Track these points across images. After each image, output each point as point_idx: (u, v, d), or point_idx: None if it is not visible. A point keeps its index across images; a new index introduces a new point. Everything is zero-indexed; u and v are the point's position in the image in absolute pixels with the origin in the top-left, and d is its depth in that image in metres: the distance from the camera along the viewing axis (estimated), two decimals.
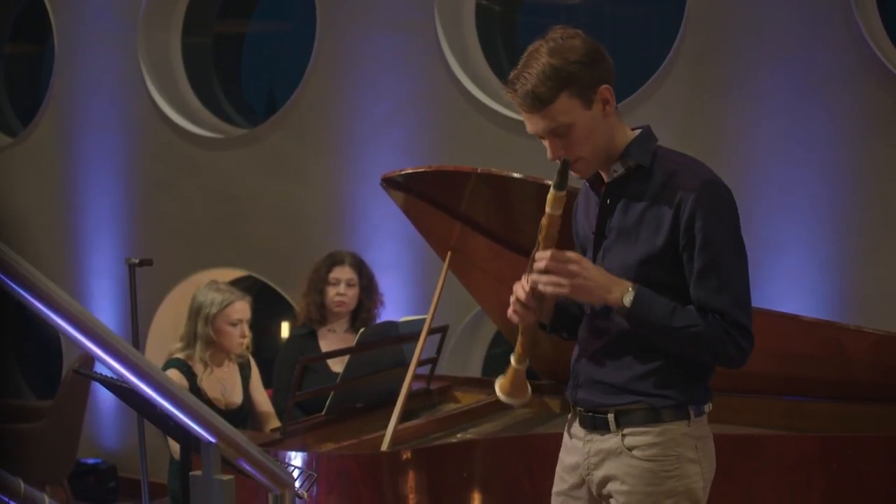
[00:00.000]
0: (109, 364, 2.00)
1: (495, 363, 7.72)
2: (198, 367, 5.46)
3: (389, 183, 4.85)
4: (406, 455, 4.44)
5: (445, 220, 4.92)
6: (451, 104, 7.21)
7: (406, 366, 4.99)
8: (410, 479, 4.43)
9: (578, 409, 3.36)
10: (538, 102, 3.06)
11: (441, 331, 5.62)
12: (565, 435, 3.48)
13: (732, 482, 4.44)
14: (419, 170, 4.79)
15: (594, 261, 3.26)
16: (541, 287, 3.16)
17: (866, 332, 4.77)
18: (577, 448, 3.38)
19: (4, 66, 10.01)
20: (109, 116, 8.77)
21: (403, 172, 4.77)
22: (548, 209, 3.11)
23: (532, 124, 3.14)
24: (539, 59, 3.05)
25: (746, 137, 6.32)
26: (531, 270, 3.19)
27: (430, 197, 4.90)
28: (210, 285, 5.63)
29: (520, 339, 3.34)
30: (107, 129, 8.77)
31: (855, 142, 6.09)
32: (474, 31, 7.44)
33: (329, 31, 7.68)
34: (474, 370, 7.53)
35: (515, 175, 4.44)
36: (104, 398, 8.70)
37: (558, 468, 3.49)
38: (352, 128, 7.64)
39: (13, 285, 1.84)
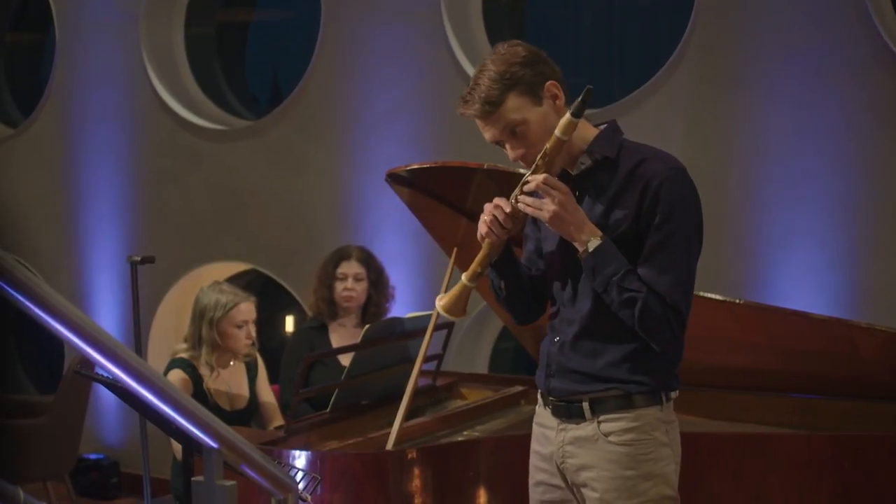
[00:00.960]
0: (109, 369, 2.01)
1: (502, 359, 7.74)
2: (204, 371, 5.46)
3: (394, 178, 4.86)
4: (411, 454, 4.45)
5: (451, 217, 4.93)
6: (457, 95, 7.17)
7: (412, 362, 5.00)
8: (416, 478, 4.44)
9: (550, 398, 3.46)
10: (489, 106, 3.25)
11: (447, 327, 5.63)
12: (534, 425, 3.59)
13: (741, 482, 4.47)
14: (424, 165, 4.80)
15: (564, 252, 3.40)
16: (520, 206, 3.28)
17: (878, 329, 4.77)
18: (549, 438, 3.49)
19: (5, 55, 10.02)
20: (111, 107, 8.78)
21: (408, 168, 4.78)
22: (557, 132, 3.21)
23: (489, 132, 3.33)
24: (485, 71, 3.29)
25: (756, 130, 6.32)
26: (520, 192, 3.31)
27: (436, 193, 4.91)
28: (213, 287, 5.62)
29: (480, 256, 3.47)
30: (108, 120, 8.78)
31: (866, 135, 6.09)
32: (481, 21, 7.44)
33: (334, 20, 7.68)
34: (481, 366, 7.54)
35: (523, 170, 4.45)
36: (106, 393, 8.70)
37: (533, 459, 3.60)
38: (357, 119, 7.64)
39: (9, 290, 1.85)
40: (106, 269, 8.79)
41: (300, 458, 4.40)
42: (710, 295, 4.66)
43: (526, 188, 3.26)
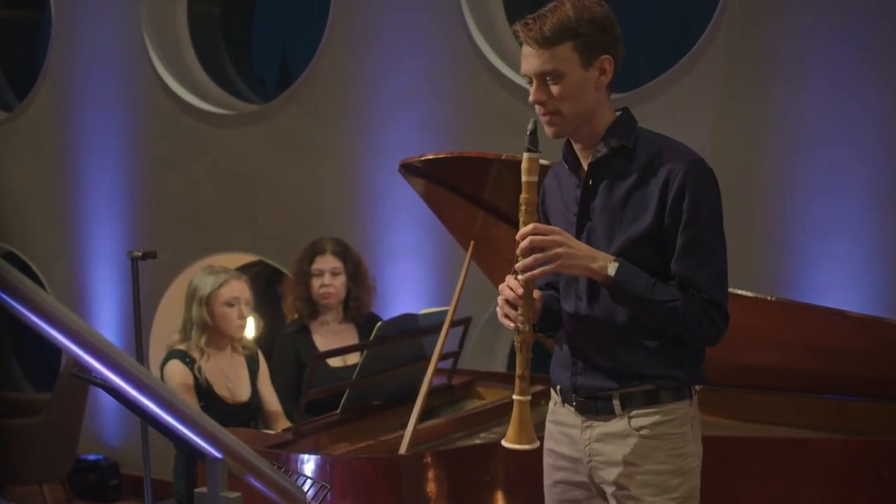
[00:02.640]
0: (109, 377, 2.03)
1: None
2: (195, 355, 5.50)
3: (408, 169, 4.88)
4: (426, 457, 4.47)
5: (468, 209, 4.95)
6: (475, 79, 7.22)
7: (427, 360, 5.02)
8: (431, 483, 4.46)
9: (575, 396, 3.50)
10: (543, 41, 3.32)
11: (464, 323, 5.65)
12: (549, 424, 3.65)
13: (772, 488, 4.47)
14: (440, 156, 4.81)
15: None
16: (527, 275, 3.32)
17: None
18: (571, 436, 3.55)
19: None
20: (110, 90, 8.80)
21: (423, 158, 4.79)
22: (524, 177, 3.33)
23: (527, 63, 3.39)
24: (560, 9, 3.33)
25: (790, 115, 6.31)
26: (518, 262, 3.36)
27: (452, 184, 4.93)
28: (205, 269, 5.70)
29: (519, 358, 3.41)
30: (107, 104, 8.80)
31: None
32: (500, 0, 7.44)
33: None
34: (499, 364, 7.54)
35: (543, 161, 4.45)
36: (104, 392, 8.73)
37: (549, 459, 3.65)
38: (370, 103, 7.65)
39: (2, 295, 1.86)
40: (105, 260, 8.82)
41: (309, 463, 4.42)
42: (740, 291, 4.66)
43: (521, 247, 3.30)
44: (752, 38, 6.42)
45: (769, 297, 4.81)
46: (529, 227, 3.29)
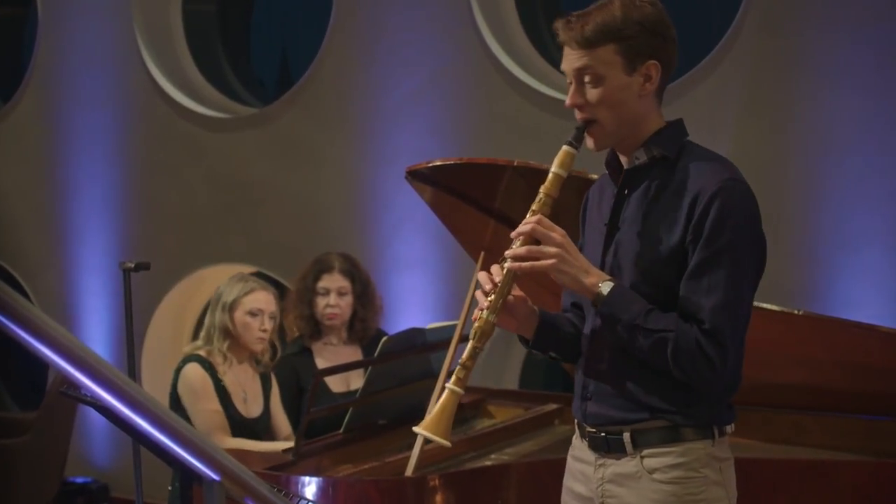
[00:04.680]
0: (99, 395, 2.03)
1: (533, 373, 7.75)
2: (216, 359, 5.52)
3: (415, 176, 4.88)
4: (433, 480, 4.47)
5: (478, 218, 4.96)
6: (485, 81, 7.23)
7: (434, 378, 5.02)
8: None
9: (588, 429, 3.40)
10: (584, 41, 3.23)
11: None
12: (569, 459, 3.53)
13: None
14: (448, 162, 4.82)
15: (604, 254, 3.35)
16: (514, 265, 3.22)
17: None
18: (586, 475, 3.42)
19: None
20: (100, 92, 8.82)
21: (431, 164, 4.80)
22: (553, 168, 3.26)
23: (567, 62, 3.29)
24: (608, 6, 3.24)
25: (819, 118, 6.31)
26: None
27: (461, 192, 4.93)
28: (235, 276, 5.76)
29: (470, 346, 3.30)
30: (97, 106, 8.82)
31: None
32: None
33: None
34: (510, 382, 7.55)
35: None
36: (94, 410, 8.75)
37: (565, 497, 3.53)
38: (374, 106, 7.67)
39: None
40: (94, 271, 8.83)
41: (311, 485, 4.43)
42: (765, 305, 4.66)
43: (520, 229, 3.23)
44: (780, 37, 6.42)
45: (796, 311, 4.80)
46: (535, 217, 3.22)
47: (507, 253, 3.24)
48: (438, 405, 3.27)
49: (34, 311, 1.88)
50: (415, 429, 3.29)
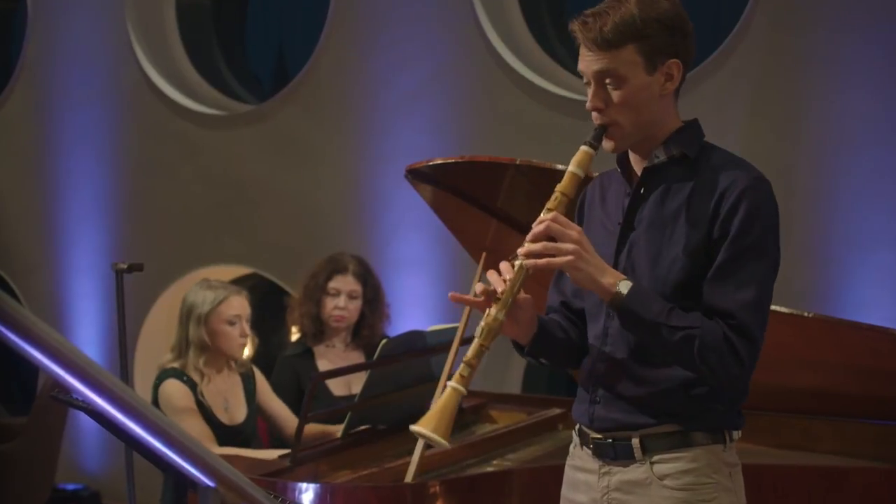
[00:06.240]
0: (91, 399, 2.03)
1: (537, 377, 7.74)
2: (194, 377, 5.49)
3: (416, 175, 4.88)
4: (434, 487, 4.47)
5: (480, 218, 4.96)
6: (487, 78, 7.23)
7: (434, 382, 5.02)
8: None
9: (593, 435, 3.37)
10: (603, 42, 3.19)
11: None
12: (568, 469, 3.49)
13: None
14: (449, 161, 4.82)
15: (616, 255, 3.33)
16: (528, 262, 3.17)
17: None
18: (588, 483, 3.39)
19: None
20: (92, 88, 8.82)
21: (431, 163, 4.80)
22: (571, 167, 3.22)
23: (585, 63, 3.26)
24: (625, 4, 3.20)
25: (830, 115, 6.31)
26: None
27: (463, 191, 4.93)
28: (201, 284, 5.66)
29: (475, 344, 3.21)
30: (89, 103, 8.82)
31: None
32: None
33: None
34: (512, 386, 7.54)
35: (560, 167, 4.45)
36: (86, 415, 8.73)
37: None
38: (374, 103, 7.67)
39: None
40: (86, 272, 8.83)
41: (308, 492, 4.42)
42: (775, 307, 4.63)
43: (535, 228, 3.18)
44: (790, 32, 6.42)
45: (807, 314, 4.80)
46: (551, 214, 3.17)
47: (520, 250, 3.19)
48: (439, 403, 3.18)
49: (23, 313, 1.88)
50: (412, 427, 3.17)
